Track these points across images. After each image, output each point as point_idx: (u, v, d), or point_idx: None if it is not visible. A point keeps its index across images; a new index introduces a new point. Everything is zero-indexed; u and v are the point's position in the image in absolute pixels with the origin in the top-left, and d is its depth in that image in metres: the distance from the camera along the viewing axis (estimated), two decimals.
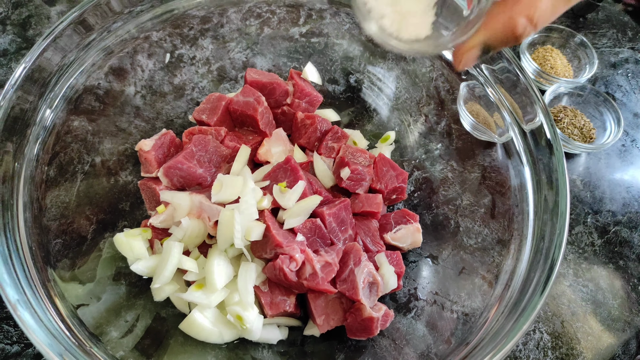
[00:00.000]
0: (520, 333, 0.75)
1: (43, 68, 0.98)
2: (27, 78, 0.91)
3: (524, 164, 1.04)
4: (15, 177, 0.84)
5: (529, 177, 1.00)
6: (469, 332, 0.94)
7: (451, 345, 0.98)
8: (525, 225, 0.96)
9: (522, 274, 0.88)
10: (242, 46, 1.40)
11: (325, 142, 1.14)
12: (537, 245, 0.89)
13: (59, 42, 1.02)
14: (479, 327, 0.91)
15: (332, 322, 0.97)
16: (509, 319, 0.81)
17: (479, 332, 0.88)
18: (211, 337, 0.92)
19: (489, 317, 0.90)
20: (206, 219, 0.96)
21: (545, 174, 0.96)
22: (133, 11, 1.18)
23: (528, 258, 0.90)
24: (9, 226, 0.79)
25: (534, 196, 0.96)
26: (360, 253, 0.98)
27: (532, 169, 1.00)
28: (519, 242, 0.96)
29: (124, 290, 1.00)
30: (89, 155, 1.12)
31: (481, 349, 0.80)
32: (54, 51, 1.01)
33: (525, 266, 0.89)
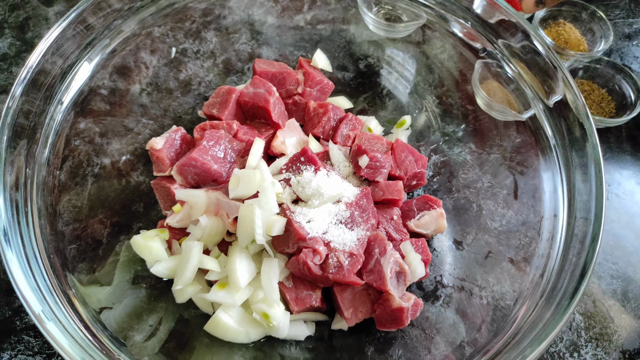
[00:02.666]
0: (563, 321, 0.72)
1: (47, 71, 0.95)
2: (31, 82, 0.88)
3: (550, 140, 1.00)
4: (28, 183, 0.81)
5: (559, 154, 0.96)
6: (503, 319, 0.91)
7: (483, 332, 0.95)
8: (557, 205, 0.92)
9: (558, 257, 0.85)
10: (247, 37, 1.36)
11: (340, 131, 1.11)
12: (571, 226, 0.86)
13: (60, 43, 0.98)
14: (514, 315, 0.88)
15: (361, 315, 0.94)
16: (548, 305, 0.77)
17: (515, 320, 0.85)
18: (238, 337, 0.90)
19: (524, 303, 0.87)
20: (225, 216, 0.93)
21: (575, 150, 0.92)
22: (133, 7, 1.14)
23: (564, 240, 0.86)
24: (26, 234, 0.76)
25: (565, 174, 0.92)
26: (385, 242, 0.94)
27: (560, 145, 0.97)
28: (552, 223, 0.92)
29: (144, 293, 0.98)
30: (98, 157, 1.09)
31: (521, 340, 0.77)
32: (56, 53, 0.97)
33: (560, 248, 0.86)
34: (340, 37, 1.39)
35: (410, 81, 1.32)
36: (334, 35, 1.39)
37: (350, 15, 1.37)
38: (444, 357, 0.95)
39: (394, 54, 1.35)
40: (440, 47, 1.32)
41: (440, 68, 1.28)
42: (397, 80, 1.33)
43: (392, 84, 1.33)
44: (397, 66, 1.34)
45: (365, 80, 1.34)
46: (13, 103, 0.81)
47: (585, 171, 0.87)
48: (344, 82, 1.33)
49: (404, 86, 1.32)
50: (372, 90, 1.33)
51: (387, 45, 1.36)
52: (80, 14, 1.02)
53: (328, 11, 1.39)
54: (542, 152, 1.05)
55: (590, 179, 0.85)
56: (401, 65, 1.34)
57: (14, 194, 0.77)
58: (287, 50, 1.37)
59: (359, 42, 1.39)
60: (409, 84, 1.32)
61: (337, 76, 1.33)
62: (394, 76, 1.33)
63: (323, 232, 0.92)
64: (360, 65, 1.36)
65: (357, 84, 1.33)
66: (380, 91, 1.33)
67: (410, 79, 1.32)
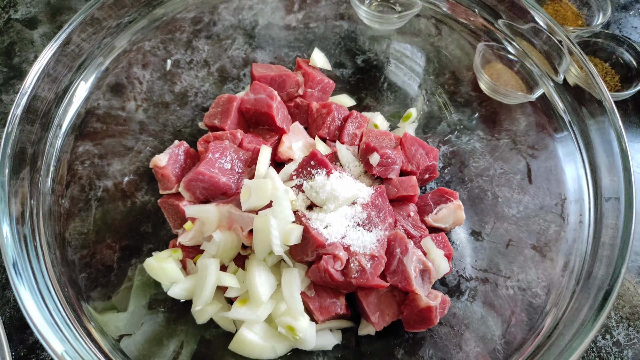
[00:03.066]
0: (607, 310, 0.68)
1: (41, 97, 0.91)
2: (27, 110, 0.84)
3: (565, 117, 0.97)
4: (34, 214, 0.78)
5: (575, 131, 0.93)
6: (535, 309, 0.88)
7: (515, 324, 0.92)
8: (579, 185, 0.90)
9: (589, 240, 0.82)
10: (239, 42, 1.33)
11: (346, 130, 1.08)
12: (599, 206, 0.83)
13: (52, 67, 0.95)
14: (546, 303, 0.86)
15: (388, 318, 0.91)
16: (585, 293, 0.74)
17: (549, 310, 0.82)
18: (264, 353, 0.87)
19: (557, 291, 0.84)
20: (238, 229, 0.90)
21: (594, 125, 0.89)
22: (121, 23, 1.10)
23: (592, 222, 0.83)
24: (37, 267, 0.73)
25: (586, 151, 0.90)
26: (406, 241, 0.92)
27: (575, 121, 0.94)
28: (576, 205, 0.90)
29: (162, 317, 0.94)
30: (100, 180, 1.05)
31: (562, 332, 0.74)
32: (49, 78, 0.94)
33: (590, 232, 0.83)
34: (335, 34, 1.36)
35: (411, 72, 1.29)
36: (327, 33, 1.36)
37: (343, 11, 1.34)
38: (477, 354, 0.92)
39: (392, 46, 1.32)
40: (437, 33, 1.30)
41: (440, 55, 1.25)
42: (398, 72, 1.30)
43: (392, 76, 1.30)
44: (396, 58, 1.31)
45: (364, 75, 1.31)
46: (11, 133, 0.77)
47: (608, 146, 0.84)
48: (344, 80, 1.30)
49: (405, 78, 1.29)
50: (373, 85, 1.30)
51: (383, 37, 1.33)
52: (69, 36, 0.98)
53: (319, 8, 1.36)
54: (555, 131, 1.02)
55: (614, 154, 0.82)
56: (400, 57, 1.31)
57: (21, 227, 0.74)
58: (282, 52, 1.34)
59: (354, 37, 1.36)
60: (410, 75, 1.29)
61: (335, 74, 1.30)
62: (393, 68, 1.30)
63: (342, 237, 0.89)
64: (358, 61, 1.33)
65: (357, 80, 1.30)
66: (381, 85, 1.30)
67: (410, 70, 1.29)
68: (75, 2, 1.49)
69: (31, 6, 1.46)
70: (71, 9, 1.48)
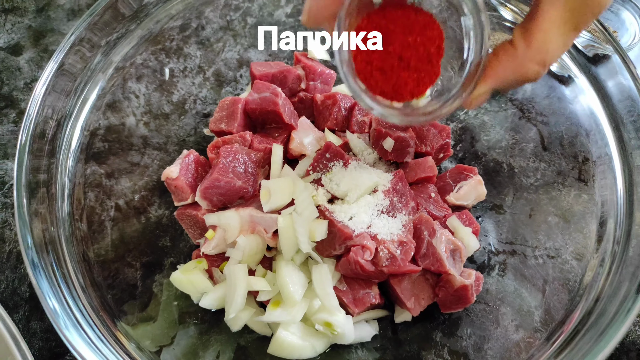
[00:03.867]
0: None
1: (42, 128, 0.88)
2: (32, 140, 0.82)
3: (571, 73, 0.96)
4: (56, 242, 0.76)
5: (587, 87, 0.92)
6: (568, 275, 0.87)
7: (550, 293, 0.92)
8: (602, 143, 0.88)
9: (620, 199, 0.81)
10: (231, 44, 1.30)
11: (355, 118, 1.06)
12: (628, 161, 0.81)
13: (50, 96, 0.92)
14: (580, 268, 0.85)
15: (423, 302, 0.90)
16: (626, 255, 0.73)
17: (585, 275, 0.81)
18: (304, 352, 0.85)
19: (591, 255, 0.83)
20: (262, 232, 0.88)
21: (607, 72, 0.87)
22: (110, 41, 1.07)
23: (622, 180, 0.82)
24: (69, 295, 0.71)
25: (605, 110, 0.88)
26: (432, 222, 0.90)
27: (585, 75, 0.92)
28: (603, 164, 0.88)
29: (194, 330, 0.93)
30: (110, 200, 1.03)
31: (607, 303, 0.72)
32: (48, 107, 0.91)
33: (620, 191, 0.82)
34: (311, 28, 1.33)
35: None
36: None
37: None
38: (515, 327, 0.91)
39: None
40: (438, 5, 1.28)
41: None
42: None
43: None
44: None
45: None
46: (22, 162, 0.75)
47: (626, 94, 0.83)
48: None
49: None
50: None
51: None
52: (62, 64, 0.95)
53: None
54: (565, 93, 1.01)
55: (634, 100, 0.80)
56: None
57: (47, 256, 0.72)
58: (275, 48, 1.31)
59: None
60: None
61: (333, 64, 1.28)
62: None
63: (367, 226, 0.88)
64: None
65: None
66: None
67: None
68: (58, 23, 1.46)
69: (12, 32, 1.43)
70: (54, 30, 1.45)
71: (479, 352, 0.90)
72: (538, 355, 0.77)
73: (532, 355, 0.79)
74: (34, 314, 0.97)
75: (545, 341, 0.80)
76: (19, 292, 1.00)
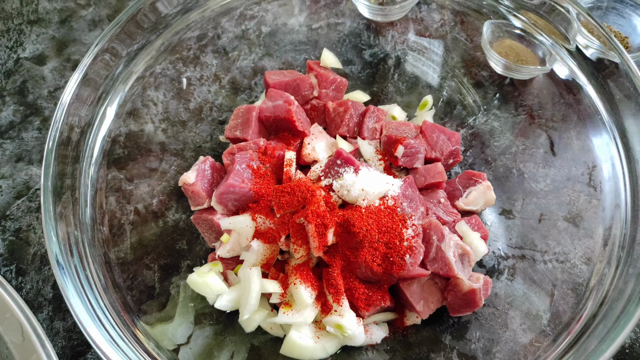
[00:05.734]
0: None
1: (67, 135, 0.93)
2: (58, 146, 0.86)
3: (582, 84, 0.97)
4: (80, 245, 0.80)
5: (597, 96, 0.93)
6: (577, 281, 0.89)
7: (559, 297, 0.93)
8: (608, 149, 0.89)
9: (627, 206, 0.82)
10: (246, 52, 1.34)
11: (366, 125, 1.09)
12: (634, 170, 0.83)
13: (74, 105, 0.97)
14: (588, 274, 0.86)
15: (432, 305, 0.92)
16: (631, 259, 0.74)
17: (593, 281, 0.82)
18: (316, 353, 0.88)
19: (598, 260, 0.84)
20: (275, 236, 0.91)
21: (617, 83, 0.89)
22: (131, 52, 1.12)
23: (629, 186, 0.83)
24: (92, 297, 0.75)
25: (611, 117, 0.89)
26: (441, 227, 0.92)
27: (596, 85, 0.94)
28: (610, 171, 0.90)
29: (209, 330, 0.96)
30: (130, 205, 1.07)
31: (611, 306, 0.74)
32: (73, 115, 0.96)
33: (627, 197, 0.83)
34: (338, 32, 1.36)
35: (420, 60, 1.29)
36: (331, 32, 1.36)
37: (344, 7, 1.35)
38: (524, 331, 0.92)
39: (396, 37, 1.32)
40: (440, 19, 1.30)
41: (447, 39, 1.26)
42: (407, 61, 1.31)
43: (402, 66, 1.30)
44: (403, 48, 1.31)
45: (373, 69, 1.32)
46: (48, 169, 0.79)
47: (635, 105, 0.84)
48: (354, 76, 1.31)
49: (414, 67, 1.30)
50: (384, 77, 1.30)
51: (387, 29, 1.33)
52: (86, 74, 1.00)
53: (319, 9, 1.37)
54: (575, 99, 1.02)
55: None
56: (406, 46, 1.32)
57: (71, 258, 0.76)
58: (289, 57, 1.35)
59: (357, 32, 1.36)
60: (419, 64, 1.30)
61: (344, 71, 1.31)
62: (402, 58, 1.31)
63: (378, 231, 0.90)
64: (365, 56, 1.33)
65: (367, 75, 1.31)
66: (392, 77, 1.30)
67: (419, 58, 1.30)
68: (80, 33, 1.51)
69: (37, 43, 1.49)
70: (76, 40, 1.50)
71: (487, 355, 0.92)
72: (544, 356, 0.78)
73: (538, 357, 0.80)
74: (57, 314, 1.01)
75: (552, 342, 0.81)
76: (43, 293, 1.04)
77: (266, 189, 0.96)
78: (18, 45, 1.48)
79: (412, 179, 0.97)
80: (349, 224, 0.87)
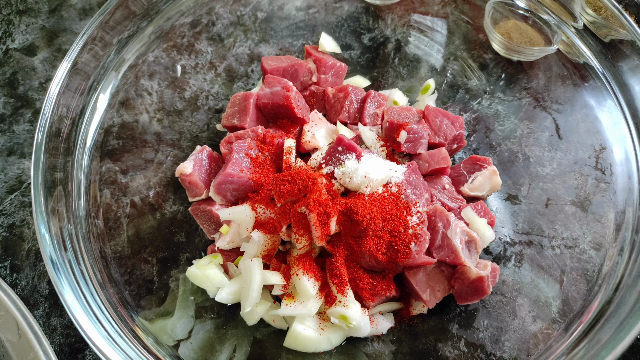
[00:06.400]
0: None
1: (58, 127, 0.89)
2: (48, 139, 0.83)
3: (591, 63, 0.94)
4: (74, 239, 0.77)
5: (606, 75, 0.90)
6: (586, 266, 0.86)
7: (568, 283, 0.90)
8: (619, 133, 0.87)
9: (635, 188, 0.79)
10: (242, 39, 1.30)
11: (367, 111, 1.05)
12: None
13: (64, 95, 0.93)
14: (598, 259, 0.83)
15: (439, 294, 0.89)
16: None
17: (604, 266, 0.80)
18: (320, 345, 0.86)
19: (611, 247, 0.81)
20: (276, 226, 0.88)
21: (627, 65, 0.85)
22: (122, 39, 1.08)
23: None
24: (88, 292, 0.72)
25: (622, 97, 0.86)
26: (446, 214, 0.90)
27: (605, 65, 0.90)
28: (621, 153, 0.87)
29: (210, 324, 0.93)
30: (126, 197, 1.04)
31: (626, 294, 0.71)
32: (63, 106, 0.92)
33: None
34: (336, 16, 1.33)
35: (421, 43, 1.26)
36: (329, 16, 1.33)
37: None
38: (533, 319, 0.90)
39: (396, 20, 1.29)
40: (440, 2, 1.26)
41: (449, 22, 1.22)
42: (407, 45, 1.27)
43: (402, 50, 1.27)
44: (403, 31, 1.28)
45: (373, 54, 1.28)
46: (39, 161, 0.76)
47: None
48: (353, 61, 1.28)
49: (415, 50, 1.26)
50: (384, 62, 1.27)
51: (386, 12, 1.29)
52: (75, 60, 0.96)
53: None
54: (582, 79, 0.99)
55: None
56: (407, 29, 1.28)
57: (65, 253, 0.73)
58: (286, 42, 1.31)
59: (356, 16, 1.33)
60: (420, 47, 1.26)
61: (343, 56, 1.27)
62: (402, 42, 1.27)
63: (382, 218, 0.87)
64: (364, 40, 1.30)
65: (367, 59, 1.28)
66: (392, 61, 1.27)
67: (420, 42, 1.26)
68: (70, 22, 1.47)
69: (27, 33, 1.44)
70: (66, 30, 1.46)
71: (496, 344, 0.90)
72: (556, 346, 0.76)
73: (550, 346, 0.78)
74: (54, 311, 0.98)
75: (564, 332, 0.79)
76: (39, 289, 1.01)
77: (266, 178, 0.93)
78: (7, 36, 1.44)
79: (415, 165, 0.94)
80: (352, 212, 0.84)
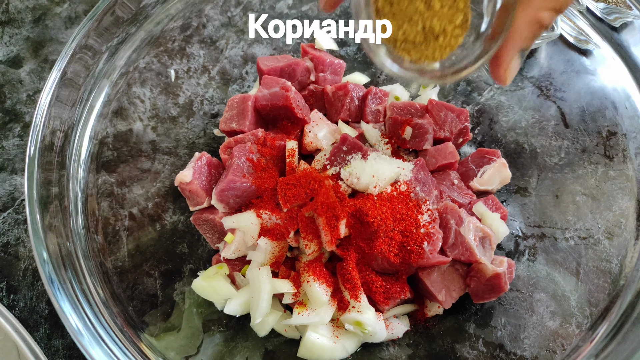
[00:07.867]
0: None
1: (50, 140, 0.86)
2: (41, 153, 0.79)
3: (595, 45, 0.92)
4: (73, 257, 0.73)
5: (612, 57, 0.88)
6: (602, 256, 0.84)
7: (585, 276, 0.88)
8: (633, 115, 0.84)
9: None
10: (234, 40, 1.27)
11: (368, 108, 1.02)
12: None
13: (55, 107, 0.89)
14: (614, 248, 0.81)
15: (455, 294, 0.86)
16: None
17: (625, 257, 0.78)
18: (336, 354, 0.82)
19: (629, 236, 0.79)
20: (283, 232, 0.85)
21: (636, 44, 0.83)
22: (111, 46, 1.04)
23: None
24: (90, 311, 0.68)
25: (634, 79, 0.84)
26: (458, 210, 0.87)
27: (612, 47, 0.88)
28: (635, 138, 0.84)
29: (219, 337, 0.90)
30: (124, 209, 1.00)
31: None
32: (55, 118, 0.88)
33: None
34: (330, 13, 1.29)
35: None
36: (322, 13, 1.29)
37: None
38: (551, 314, 0.88)
39: None
40: None
41: None
42: None
43: None
44: None
45: None
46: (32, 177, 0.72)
47: None
48: (350, 58, 1.24)
49: None
50: None
51: None
52: (64, 73, 0.92)
53: None
54: (586, 65, 0.97)
55: None
56: None
57: (64, 272, 0.69)
58: (279, 42, 1.28)
59: (350, 12, 1.30)
60: None
61: (340, 53, 1.24)
62: None
63: (392, 218, 0.84)
64: None
65: (364, 55, 1.24)
66: None
67: None
68: (56, 32, 1.43)
69: (11, 45, 1.40)
70: (52, 39, 1.42)
71: (515, 342, 0.87)
72: (584, 347, 0.73)
73: (576, 346, 0.76)
74: (55, 332, 0.94)
75: (589, 331, 0.76)
76: (38, 310, 0.97)
77: (269, 183, 0.90)
78: None
79: (423, 161, 0.91)
80: (361, 213, 0.81)
